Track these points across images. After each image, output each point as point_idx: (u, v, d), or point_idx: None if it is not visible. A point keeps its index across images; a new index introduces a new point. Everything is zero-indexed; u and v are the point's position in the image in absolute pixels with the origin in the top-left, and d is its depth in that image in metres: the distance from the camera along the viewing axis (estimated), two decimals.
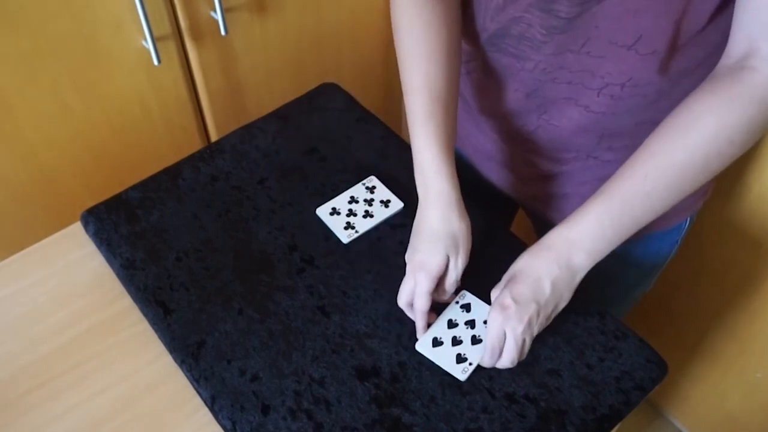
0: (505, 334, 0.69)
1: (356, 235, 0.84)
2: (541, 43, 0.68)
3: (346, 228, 0.85)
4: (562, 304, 0.71)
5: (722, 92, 0.61)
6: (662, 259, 0.92)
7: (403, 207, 0.87)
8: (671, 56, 0.65)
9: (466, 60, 0.82)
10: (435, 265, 0.71)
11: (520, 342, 0.70)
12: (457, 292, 0.78)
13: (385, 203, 0.87)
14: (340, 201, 0.88)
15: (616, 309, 0.92)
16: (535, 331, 0.71)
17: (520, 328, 0.69)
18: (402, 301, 0.75)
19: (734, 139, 0.62)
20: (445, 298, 0.77)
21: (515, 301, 0.68)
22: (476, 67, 0.80)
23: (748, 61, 0.60)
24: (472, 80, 0.82)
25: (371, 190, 0.89)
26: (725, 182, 1.03)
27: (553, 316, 0.71)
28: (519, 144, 0.82)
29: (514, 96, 0.76)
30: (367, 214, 0.86)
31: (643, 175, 0.65)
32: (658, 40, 0.63)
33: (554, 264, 0.68)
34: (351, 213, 0.86)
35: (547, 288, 0.68)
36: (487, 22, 0.72)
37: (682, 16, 0.61)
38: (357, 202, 0.88)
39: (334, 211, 0.87)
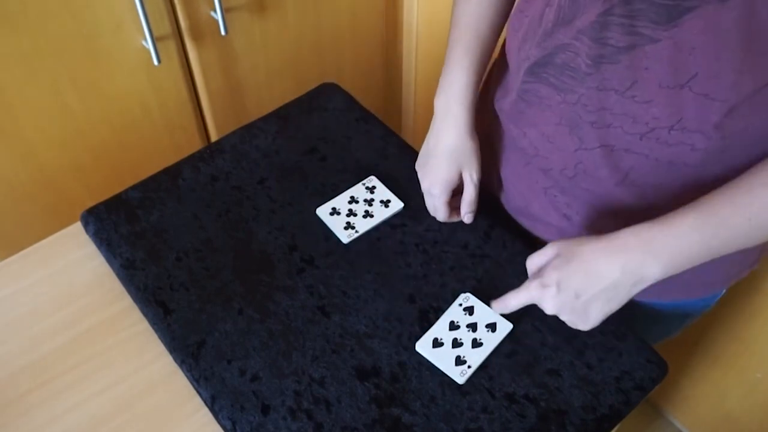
0: (525, 304, 0.72)
1: (356, 235, 0.84)
2: (585, 75, 0.64)
3: (346, 228, 0.85)
4: (614, 309, 0.67)
5: None
6: (692, 318, 0.89)
7: (403, 207, 0.87)
8: (728, 109, 0.59)
9: (502, 96, 0.81)
10: (449, 177, 0.81)
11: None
12: (460, 294, 0.79)
13: (385, 203, 0.87)
14: (340, 201, 0.88)
15: None
16: (564, 317, 0.69)
17: (548, 311, 0.69)
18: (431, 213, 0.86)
19: None
20: (468, 215, 0.84)
21: (558, 285, 0.67)
22: (513, 102, 0.78)
23: None
24: (512, 115, 0.80)
25: (371, 190, 0.89)
26: None
27: (596, 319, 0.68)
28: (554, 195, 0.79)
29: (556, 131, 0.72)
30: (367, 214, 0.86)
31: (748, 203, 0.60)
32: (714, 83, 0.58)
33: (618, 268, 0.64)
34: (351, 213, 0.86)
35: (597, 287, 0.65)
36: (532, 48, 0.70)
37: (741, 63, 0.56)
38: (357, 202, 0.88)
39: (334, 211, 0.87)
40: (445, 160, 0.80)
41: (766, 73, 0.57)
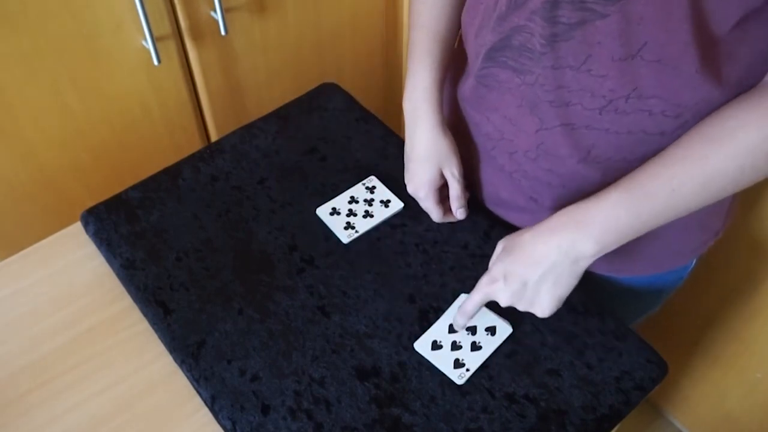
0: (482, 304, 0.73)
1: (356, 235, 0.84)
2: (540, 55, 0.65)
3: (346, 228, 0.85)
4: (564, 291, 0.68)
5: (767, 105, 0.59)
6: (667, 292, 0.91)
7: (403, 207, 0.87)
8: (681, 78, 0.61)
9: (462, 84, 0.81)
10: (430, 178, 0.81)
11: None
12: (460, 294, 0.79)
13: (385, 203, 0.87)
14: (340, 201, 0.88)
15: None
16: (520, 307, 0.70)
17: (503, 304, 0.70)
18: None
19: None
20: (460, 210, 0.83)
21: (504, 276, 0.69)
22: (473, 88, 0.78)
23: None
24: (473, 102, 0.80)
25: (371, 190, 0.89)
26: None
27: (550, 302, 0.69)
28: (519, 180, 0.79)
29: (517, 112, 0.73)
30: (367, 214, 0.86)
31: (670, 175, 0.62)
32: (665, 50, 0.59)
33: (555, 248, 0.66)
34: (351, 213, 0.86)
35: (539, 270, 0.67)
36: (488, 34, 0.70)
37: (689, 30, 0.57)
38: (357, 202, 0.88)
39: (334, 211, 0.87)
40: (423, 163, 0.81)
41: (714, 38, 0.58)
